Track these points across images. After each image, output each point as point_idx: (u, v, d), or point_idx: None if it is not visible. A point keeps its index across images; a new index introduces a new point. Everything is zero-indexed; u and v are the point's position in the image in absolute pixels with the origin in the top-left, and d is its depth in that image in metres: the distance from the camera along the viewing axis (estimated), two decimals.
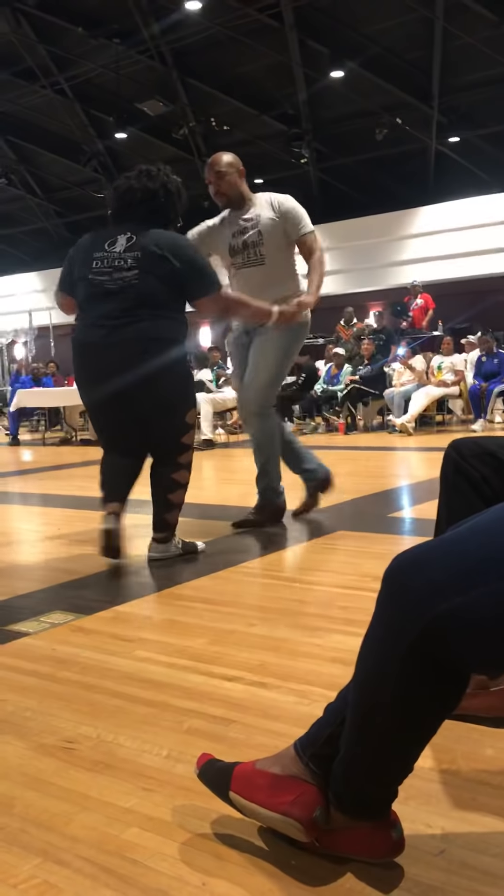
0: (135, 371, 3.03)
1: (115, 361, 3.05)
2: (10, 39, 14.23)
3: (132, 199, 3.17)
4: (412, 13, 12.28)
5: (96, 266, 3.10)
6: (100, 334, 3.07)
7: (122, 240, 3.10)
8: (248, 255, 3.75)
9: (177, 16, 12.75)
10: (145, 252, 3.05)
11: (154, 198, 3.16)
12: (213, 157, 3.80)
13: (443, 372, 9.68)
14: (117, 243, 3.10)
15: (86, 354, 3.15)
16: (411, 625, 0.99)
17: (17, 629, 2.37)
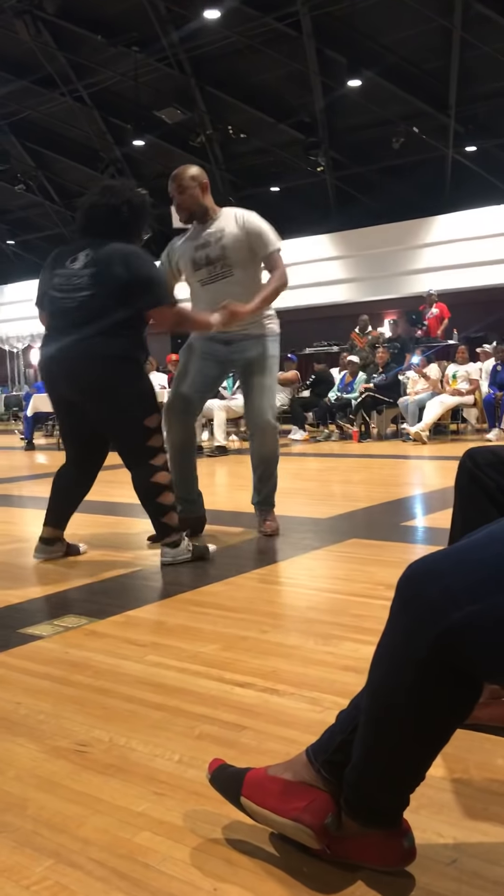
0: (84, 386, 3.20)
1: (68, 376, 3.20)
2: (30, 47, 14.33)
3: (96, 215, 3.25)
4: (430, 23, 12.30)
5: (57, 283, 3.22)
6: (55, 349, 3.20)
7: (82, 257, 3.20)
8: (212, 269, 3.74)
9: (195, 24, 12.82)
10: (101, 269, 3.14)
11: (117, 213, 3.22)
12: (177, 170, 3.79)
13: (457, 381, 9.66)
14: (77, 260, 3.20)
15: (45, 368, 3.31)
16: (425, 633, 0.99)
17: (31, 632, 2.39)
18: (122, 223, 3.23)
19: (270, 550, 3.52)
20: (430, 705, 1.04)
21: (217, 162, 16.78)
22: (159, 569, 3.22)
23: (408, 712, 1.05)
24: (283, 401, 11.05)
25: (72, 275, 3.18)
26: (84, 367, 3.16)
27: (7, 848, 1.27)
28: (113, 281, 3.12)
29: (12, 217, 21.10)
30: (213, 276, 3.74)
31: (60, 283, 3.21)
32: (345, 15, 12.29)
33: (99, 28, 13.60)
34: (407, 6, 12.02)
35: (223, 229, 3.71)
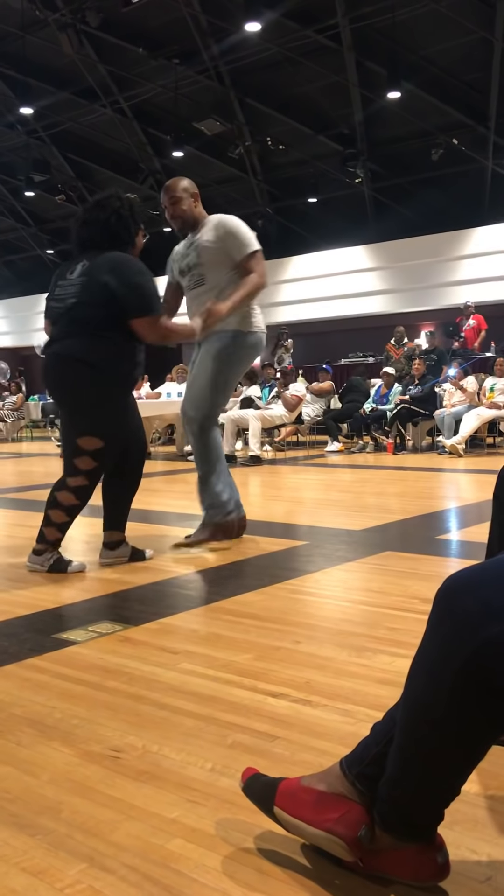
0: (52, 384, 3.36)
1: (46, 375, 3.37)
2: (72, 60, 14.55)
3: (88, 231, 3.38)
4: (471, 35, 12.27)
5: (56, 293, 3.39)
6: (47, 352, 3.37)
7: (79, 267, 3.33)
8: (191, 276, 3.83)
9: (236, 37, 12.92)
10: (90, 278, 3.26)
11: (107, 226, 3.34)
12: (168, 181, 3.87)
13: (495, 393, 9.58)
14: (75, 271, 3.35)
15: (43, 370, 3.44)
16: (462, 646, 0.99)
17: (66, 637, 2.41)
18: (113, 234, 3.35)
19: (304, 561, 3.52)
20: (467, 719, 1.03)
21: (255, 173, 16.86)
22: (193, 577, 3.23)
23: (444, 725, 1.04)
24: (318, 411, 11.05)
25: (67, 284, 3.34)
26: (53, 370, 3.33)
27: (41, 850, 1.28)
28: (99, 289, 3.23)
29: (52, 227, 21.39)
30: (190, 283, 3.84)
31: (58, 293, 3.38)
32: (385, 27, 12.32)
33: (140, 41, 13.77)
34: (448, 18, 12.02)
35: (200, 237, 3.79)
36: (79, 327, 3.26)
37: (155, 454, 10.62)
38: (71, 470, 3.31)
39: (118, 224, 3.35)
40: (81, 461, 3.28)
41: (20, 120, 16.65)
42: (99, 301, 3.22)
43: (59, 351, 3.30)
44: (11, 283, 23.78)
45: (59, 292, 3.37)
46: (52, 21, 13.34)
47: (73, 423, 3.34)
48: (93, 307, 3.24)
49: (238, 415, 9.17)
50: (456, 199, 15.41)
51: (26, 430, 16.22)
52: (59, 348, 3.30)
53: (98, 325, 3.24)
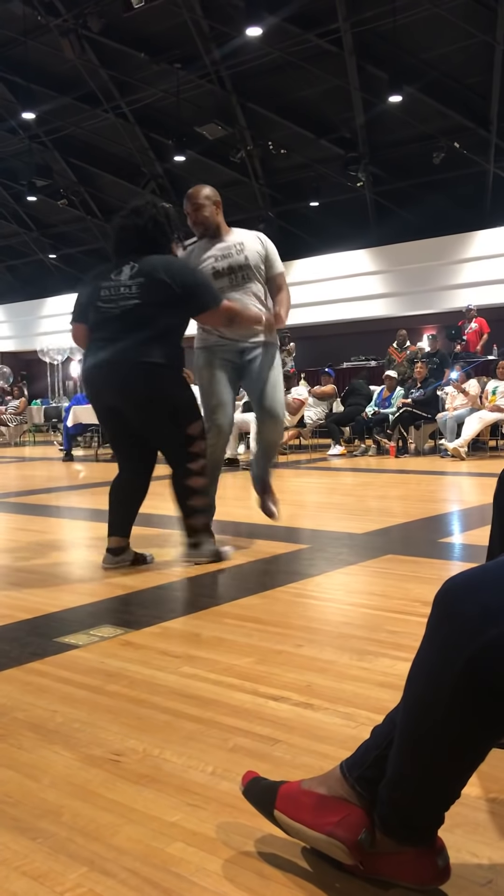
0: (129, 394, 3.34)
1: (114, 380, 3.34)
2: (74, 65, 14.59)
3: (126, 237, 3.45)
4: (472, 39, 12.29)
5: (104, 294, 3.38)
6: (102, 355, 3.35)
7: (127, 269, 3.38)
8: (233, 278, 3.94)
9: (238, 42, 12.94)
10: (149, 279, 3.31)
11: (145, 232, 3.41)
12: (191, 189, 4.03)
13: (497, 396, 9.58)
14: (122, 273, 3.38)
15: (89, 377, 3.44)
16: (462, 649, 0.99)
17: (68, 641, 2.41)
18: (151, 240, 3.42)
19: (306, 565, 3.52)
20: (466, 722, 1.03)
21: (257, 177, 16.88)
22: (195, 581, 3.23)
23: (443, 729, 1.04)
24: (320, 415, 11.05)
25: (119, 285, 3.35)
26: (129, 375, 3.30)
27: (42, 854, 1.28)
28: (159, 290, 3.29)
29: (54, 231, 21.42)
30: (234, 284, 3.95)
31: (107, 295, 3.37)
32: (386, 31, 12.34)
33: (142, 46, 13.81)
34: (449, 22, 12.04)
35: (242, 243, 3.98)
36: (144, 328, 3.30)
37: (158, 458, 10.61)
38: (188, 456, 3.45)
39: (155, 230, 3.42)
40: (196, 446, 3.47)
41: (22, 125, 16.69)
42: (160, 301, 3.30)
43: (132, 355, 3.28)
44: (14, 288, 23.82)
45: (108, 294, 3.37)
46: (54, 26, 13.38)
47: (171, 420, 3.40)
48: (155, 307, 3.30)
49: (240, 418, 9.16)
50: (458, 203, 15.42)
51: (29, 435, 16.23)
52: (131, 353, 3.28)
53: (162, 324, 3.33)
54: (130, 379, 3.30)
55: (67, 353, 16.83)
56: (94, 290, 3.42)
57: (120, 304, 3.33)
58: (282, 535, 4.20)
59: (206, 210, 3.95)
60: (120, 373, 3.30)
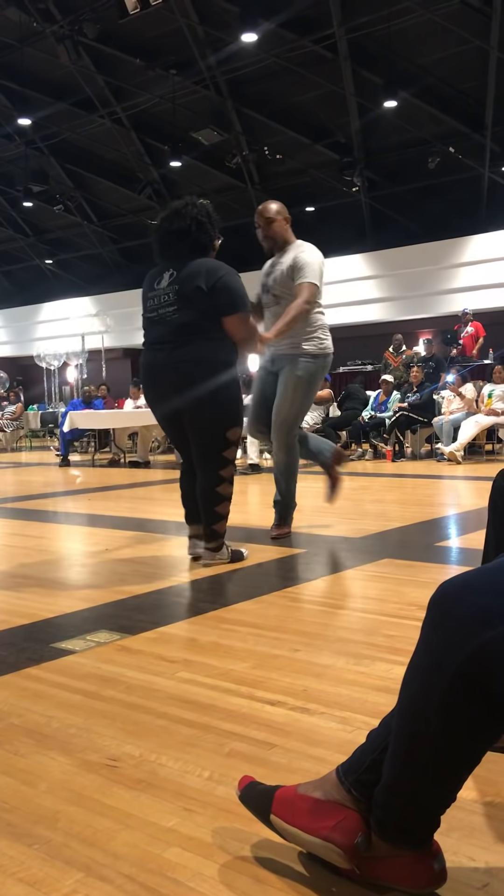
0: (181, 389, 3.42)
1: (167, 381, 3.45)
2: (70, 71, 14.62)
3: (170, 239, 3.52)
4: (466, 44, 12.34)
5: (149, 304, 3.55)
6: (153, 357, 3.52)
7: (166, 276, 3.49)
8: (268, 296, 4.14)
9: (233, 47, 12.98)
10: (184, 285, 3.41)
11: (188, 234, 3.49)
12: (261, 205, 4.18)
13: (493, 400, 9.59)
14: (163, 280, 3.50)
15: (147, 375, 3.58)
16: (456, 652, 0.99)
17: (64, 647, 2.41)
18: (194, 241, 3.50)
19: (303, 569, 3.52)
20: (461, 725, 1.03)
21: (253, 182, 16.91)
22: (191, 586, 3.23)
23: (438, 732, 1.04)
24: (316, 419, 11.05)
25: (160, 294, 3.49)
26: (176, 379, 3.42)
27: (38, 860, 1.28)
28: (195, 295, 3.40)
29: (51, 237, 21.44)
30: (267, 302, 4.15)
31: (151, 304, 3.53)
32: (381, 36, 12.38)
33: (138, 52, 13.84)
34: (443, 27, 12.08)
35: (284, 261, 4.08)
36: (191, 333, 3.42)
37: (154, 463, 10.62)
38: (222, 462, 3.53)
39: (198, 231, 3.50)
40: (230, 451, 3.56)
41: (18, 131, 16.71)
42: (199, 305, 3.40)
43: (183, 356, 3.41)
44: (10, 294, 23.83)
45: (152, 304, 3.52)
46: (50, 33, 13.40)
47: (215, 420, 3.48)
48: (194, 312, 3.40)
49: None
50: (453, 208, 15.46)
51: (25, 440, 16.22)
52: (183, 354, 3.41)
53: (207, 327, 3.43)
54: (181, 380, 3.42)
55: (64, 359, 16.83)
56: (144, 299, 3.58)
57: (160, 312, 3.47)
58: (279, 539, 4.20)
59: (275, 225, 4.10)
60: (169, 377, 3.43)
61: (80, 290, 21.75)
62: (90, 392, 12.26)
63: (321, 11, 12.23)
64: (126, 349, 21.12)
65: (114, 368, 18.89)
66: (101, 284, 20.81)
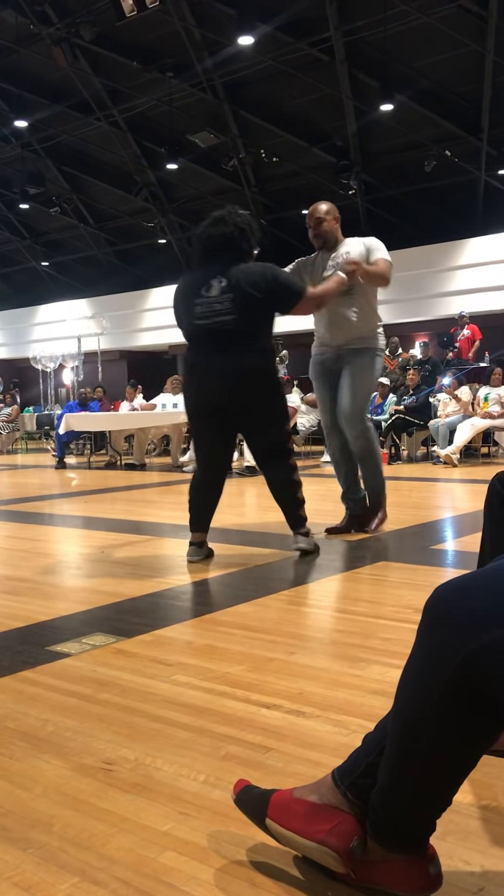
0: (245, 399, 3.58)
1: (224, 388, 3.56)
2: (66, 73, 14.62)
3: (213, 246, 3.61)
4: (463, 47, 12.36)
5: (198, 311, 3.58)
6: (209, 364, 3.58)
7: (216, 284, 3.56)
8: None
9: (230, 50, 13.00)
10: (237, 293, 3.51)
11: (231, 240, 3.59)
12: (312, 206, 4.39)
13: (489, 403, 9.60)
14: (212, 288, 3.56)
15: (201, 382, 3.64)
16: (452, 656, 0.99)
17: (59, 650, 2.40)
18: (237, 247, 3.60)
19: (298, 572, 3.52)
20: (456, 729, 1.03)
21: (249, 185, 16.92)
22: (187, 588, 3.23)
23: (433, 736, 1.04)
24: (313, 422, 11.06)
25: (212, 302, 3.55)
26: (244, 382, 3.55)
27: (32, 864, 1.27)
28: (248, 302, 3.51)
29: (47, 239, 21.43)
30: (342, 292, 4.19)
31: (202, 312, 3.57)
32: (378, 40, 12.39)
33: (134, 54, 13.85)
34: (440, 31, 12.11)
35: (349, 251, 4.25)
36: (244, 341, 3.54)
37: (150, 465, 10.61)
38: (290, 452, 3.79)
39: (240, 237, 3.61)
40: (291, 442, 3.86)
41: (15, 133, 16.70)
42: (252, 311, 3.53)
43: (245, 364, 3.53)
44: (7, 296, 23.81)
45: (203, 311, 3.57)
46: (47, 35, 13.40)
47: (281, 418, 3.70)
48: (249, 318, 3.52)
49: None
50: (449, 211, 15.48)
51: (21, 443, 16.20)
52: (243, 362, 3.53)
53: (260, 334, 3.60)
54: (247, 387, 3.55)
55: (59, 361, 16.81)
56: (188, 306, 3.62)
57: (215, 321, 3.53)
58: (274, 542, 4.20)
59: (325, 224, 4.31)
60: (229, 381, 3.54)
61: (76, 292, 21.74)
62: (86, 394, 12.25)
63: (318, 15, 12.25)
64: (122, 351, 21.12)
65: (110, 371, 18.87)
66: (98, 287, 20.81)
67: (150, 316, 20.27)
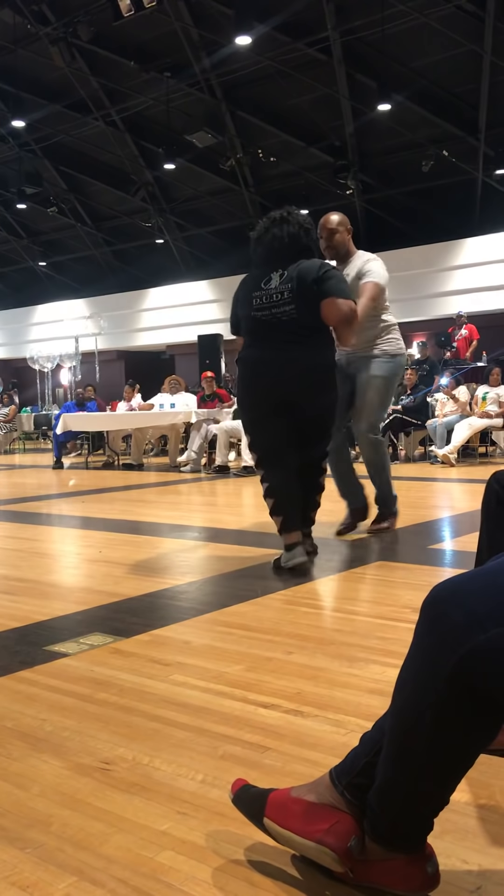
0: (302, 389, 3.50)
1: (281, 382, 3.48)
2: (64, 73, 14.62)
3: (280, 245, 3.57)
4: (460, 47, 12.37)
5: (256, 303, 3.54)
6: (268, 356, 3.51)
7: (276, 276, 3.54)
8: None
9: (227, 50, 13.00)
10: (298, 282, 3.47)
11: (298, 239, 3.57)
12: (324, 217, 4.32)
13: (487, 403, 9.61)
14: (272, 280, 3.54)
15: (260, 374, 3.55)
16: (449, 655, 0.99)
17: (57, 650, 2.40)
18: (304, 247, 3.59)
19: (296, 571, 3.51)
20: (453, 728, 1.03)
21: (247, 185, 16.92)
22: (185, 588, 3.23)
23: (431, 735, 1.04)
24: None
25: (271, 293, 3.52)
26: (299, 376, 3.48)
27: (30, 864, 1.27)
28: (309, 292, 3.46)
29: (45, 239, 21.42)
30: None
31: (260, 303, 3.54)
32: (375, 40, 12.40)
33: (132, 54, 13.85)
34: (437, 31, 12.11)
35: (350, 271, 4.19)
36: (309, 332, 3.51)
37: (148, 465, 10.61)
38: (325, 455, 3.78)
39: (307, 237, 3.60)
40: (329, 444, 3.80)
41: (12, 133, 16.70)
42: (314, 307, 3.48)
43: (299, 359, 3.48)
44: (4, 295, 23.80)
45: (261, 303, 3.53)
46: (44, 35, 13.40)
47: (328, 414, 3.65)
48: (308, 309, 3.47)
49: (231, 426, 9.17)
50: (447, 211, 15.49)
51: (18, 443, 16.19)
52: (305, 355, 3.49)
53: (319, 330, 3.55)
54: (301, 379, 3.48)
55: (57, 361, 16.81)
56: (247, 300, 3.58)
57: (273, 312, 3.50)
58: (272, 542, 4.20)
59: (337, 235, 4.24)
60: (290, 374, 3.46)
61: (73, 292, 21.73)
62: (83, 394, 12.24)
63: (315, 15, 12.26)
64: (119, 351, 21.11)
65: (107, 370, 18.88)
66: (95, 286, 20.80)
67: (148, 316, 20.28)
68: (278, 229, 3.57)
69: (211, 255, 18.92)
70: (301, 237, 3.57)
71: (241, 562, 3.72)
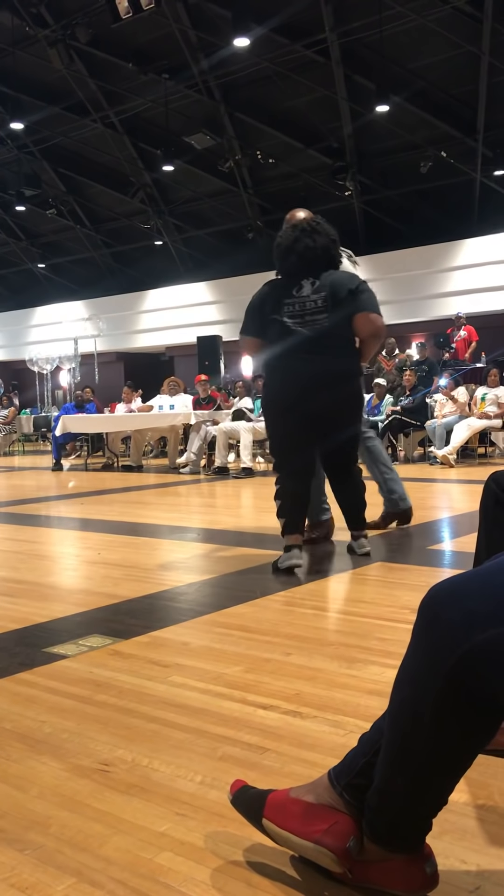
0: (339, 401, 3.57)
1: (310, 390, 3.51)
2: (62, 75, 14.63)
3: (312, 255, 3.59)
4: (458, 49, 12.38)
5: (288, 310, 3.56)
6: (301, 365, 3.53)
7: (307, 285, 3.57)
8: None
9: (225, 52, 13.01)
10: (331, 290, 3.53)
11: (328, 250, 3.63)
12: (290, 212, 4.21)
13: (486, 403, 9.61)
14: (304, 288, 3.57)
15: (293, 382, 3.56)
16: (447, 655, 0.99)
17: (56, 651, 2.40)
18: (332, 257, 3.65)
19: (296, 573, 3.51)
20: (452, 729, 1.03)
21: (246, 186, 16.93)
22: (184, 590, 3.23)
23: (429, 735, 1.05)
24: None
25: (304, 301, 3.56)
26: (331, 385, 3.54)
27: (29, 866, 1.27)
28: (342, 301, 3.53)
29: (43, 241, 21.42)
30: None
31: (293, 311, 3.56)
32: (373, 41, 12.42)
33: (130, 56, 13.85)
34: (435, 32, 12.13)
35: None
36: (338, 342, 3.56)
37: (147, 467, 10.61)
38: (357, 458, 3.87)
39: (335, 248, 3.66)
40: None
41: (11, 135, 16.70)
42: (346, 318, 3.55)
43: (333, 368, 3.54)
44: (3, 298, 23.81)
45: (294, 310, 3.55)
46: (42, 37, 13.41)
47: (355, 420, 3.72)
48: (342, 318, 3.54)
49: (230, 427, 9.17)
50: (445, 212, 15.50)
51: (18, 444, 16.18)
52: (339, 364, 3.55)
53: (348, 340, 3.61)
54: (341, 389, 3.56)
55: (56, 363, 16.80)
56: (276, 306, 3.58)
57: (307, 319, 3.53)
58: (271, 543, 4.20)
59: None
60: (319, 382, 3.50)
61: (72, 293, 21.73)
62: (82, 396, 12.24)
63: (313, 16, 12.27)
64: (119, 353, 21.10)
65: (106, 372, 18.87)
66: (94, 288, 20.80)
67: (147, 318, 20.28)
68: (310, 239, 3.59)
69: (210, 256, 18.93)
70: (331, 248, 3.63)
71: (240, 563, 3.72)
